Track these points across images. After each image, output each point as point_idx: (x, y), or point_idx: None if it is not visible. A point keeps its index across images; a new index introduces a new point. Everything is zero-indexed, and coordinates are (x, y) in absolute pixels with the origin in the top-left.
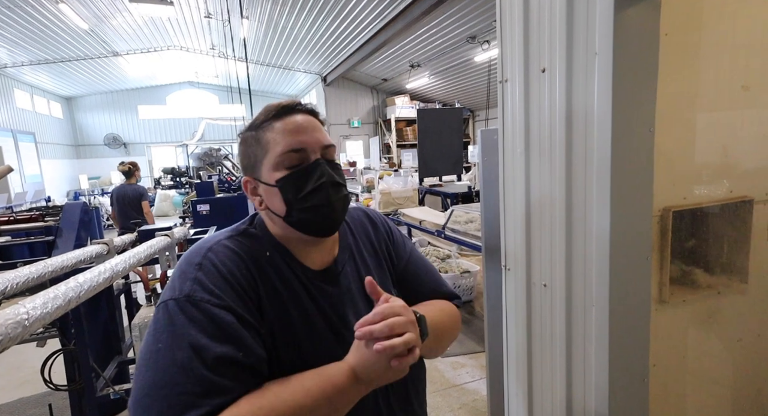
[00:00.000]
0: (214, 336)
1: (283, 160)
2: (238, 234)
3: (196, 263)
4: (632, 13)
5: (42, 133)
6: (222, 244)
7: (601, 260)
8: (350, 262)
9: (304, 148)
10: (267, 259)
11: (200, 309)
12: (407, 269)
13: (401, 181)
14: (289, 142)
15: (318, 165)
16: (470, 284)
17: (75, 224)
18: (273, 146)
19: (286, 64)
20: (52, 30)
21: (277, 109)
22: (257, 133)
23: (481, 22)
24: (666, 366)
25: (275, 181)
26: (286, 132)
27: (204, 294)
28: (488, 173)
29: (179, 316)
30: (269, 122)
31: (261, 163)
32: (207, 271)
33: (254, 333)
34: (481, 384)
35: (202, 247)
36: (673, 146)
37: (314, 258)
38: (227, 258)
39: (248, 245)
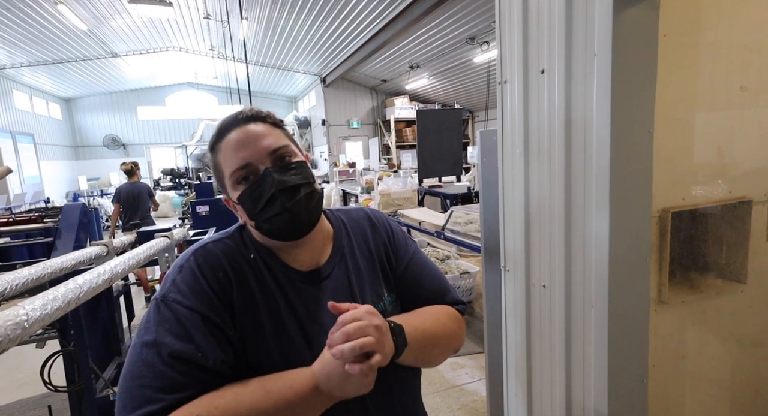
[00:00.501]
0: (177, 335)
1: (236, 178)
2: (228, 236)
3: (179, 265)
4: (631, 14)
5: (41, 134)
6: (207, 247)
7: (601, 261)
8: (341, 265)
9: (247, 163)
10: (249, 261)
11: (170, 309)
12: (407, 273)
13: (401, 182)
14: (234, 162)
15: (266, 176)
16: (470, 285)
17: (74, 225)
18: (224, 167)
19: (286, 65)
20: (51, 31)
21: (219, 129)
22: (214, 157)
23: (481, 23)
24: (665, 367)
25: (236, 199)
26: (229, 151)
27: (176, 295)
28: (488, 174)
29: (155, 315)
30: (218, 143)
31: (224, 183)
32: (185, 274)
33: (220, 336)
34: (480, 385)
35: (190, 250)
36: (672, 147)
37: (302, 259)
38: (207, 261)
39: (233, 247)
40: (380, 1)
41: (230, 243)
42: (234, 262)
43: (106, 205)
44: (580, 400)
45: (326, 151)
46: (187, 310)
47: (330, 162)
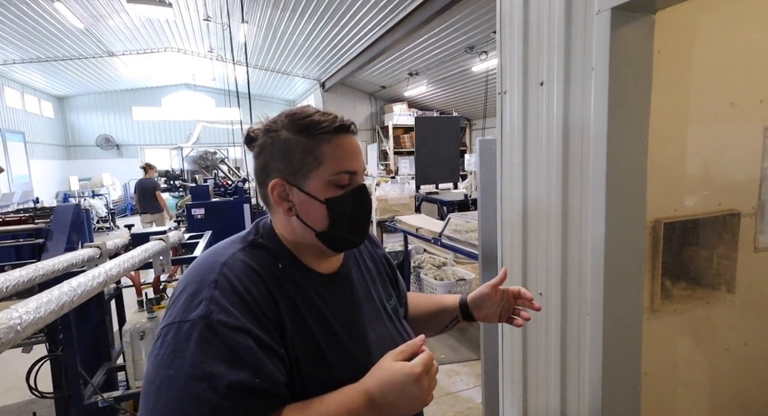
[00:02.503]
0: (229, 362)
1: (337, 179)
2: (249, 245)
3: (212, 280)
4: (628, 31)
5: (32, 132)
6: (237, 258)
7: (596, 270)
8: (355, 268)
9: (357, 171)
10: (281, 271)
11: (216, 332)
12: (398, 275)
13: (398, 188)
14: (347, 164)
15: (365, 189)
16: (466, 292)
17: (66, 227)
18: (330, 162)
19: (285, 68)
20: (46, 28)
21: (338, 126)
22: (309, 141)
23: (480, 33)
24: (657, 375)
25: (324, 199)
26: (346, 151)
27: (220, 316)
28: (486, 182)
29: (193, 341)
30: (326, 135)
31: (309, 173)
32: (223, 289)
33: (273, 356)
34: (475, 392)
35: (216, 261)
36: (665, 159)
37: (323, 264)
38: (243, 274)
39: (261, 257)
40: (381, 9)
41: (254, 251)
42: (269, 272)
43: (97, 206)
44: (575, 407)
45: None
46: (237, 332)
47: None
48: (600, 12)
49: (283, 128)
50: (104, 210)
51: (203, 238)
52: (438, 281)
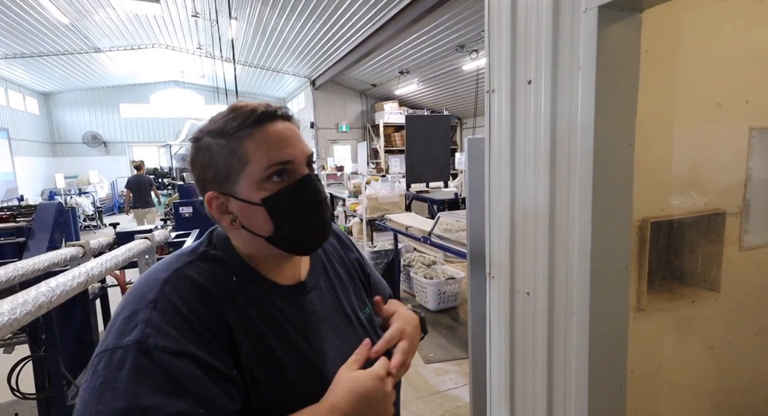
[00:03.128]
0: (168, 391)
1: (269, 175)
2: (199, 258)
3: (150, 300)
4: (615, 30)
5: (16, 129)
6: (182, 274)
7: (583, 269)
8: (324, 276)
9: (292, 160)
10: (234, 285)
11: (152, 358)
12: (374, 279)
13: (388, 187)
14: (276, 155)
15: (310, 180)
16: (455, 290)
17: (49, 225)
18: (255, 159)
19: (275, 66)
20: (30, 23)
21: (257, 116)
22: (230, 142)
23: (470, 32)
24: (643, 373)
25: (260, 200)
26: (270, 143)
27: (158, 340)
28: (475, 182)
29: (126, 370)
30: (246, 130)
31: (238, 177)
32: (163, 310)
33: (222, 381)
34: (464, 391)
35: (157, 279)
36: (652, 159)
37: (285, 274)
38: (188, 291)
39: (211, 271)
40: (371, 7)
41: (204, 265)
42: (219, 287)
43: (84, 204)
44: (561, 406)
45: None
46: (178, 357)
47: (318, 165)
48: (587, 10)
49: (204, 134)
50: (91, 208)
51: (190, 237)
52: (428, 280)
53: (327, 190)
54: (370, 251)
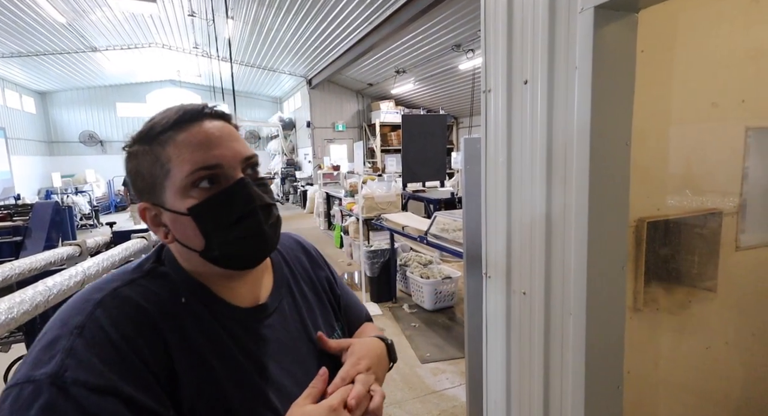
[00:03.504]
0: None
1: (195, 181)
2: (143, 275)
3: (76, 325)
4: (611, 30)
5: (13, 128)
6: (119, 295)
7: (579, 269)
8: (288, 297)
9: (219, 163)
10: (182, 307)
11: (68, 395)
12: (347, 302)
13: (385, 186)
14: (201, 158)
15: (243, 185)
16: (451, 290)
17: (46, 224)
18: (178, 164)
19: (271, 65)
20: (27, 22)
21: (179, 116)
22: (153, 148)
23: (466, 31)
24: (639, 374)
25: (186, 209)
26: (194, 145)
27: (78, 373)
28: (471, 181)
29: (34, 410)
30: (169, 133)
31: (163, 186)
32: (90, 337)
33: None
34: (460, 391)
35: (89, 300)
36: (648, 159)
37: (242, 294)
38: (124, 315)
39: (156, 291)
40: (368, 6)
41: (149, 283)
42: (163, 310)
43: (80, 203)
44: (558, 406)
45: (311, 153)
46: (100, 394)
47: (314, 164)
48: (583, 10)
49: (134, 141)
50: (88, 207)
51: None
52: (424, 279)
53: (323, 189)
54: (366, 250)
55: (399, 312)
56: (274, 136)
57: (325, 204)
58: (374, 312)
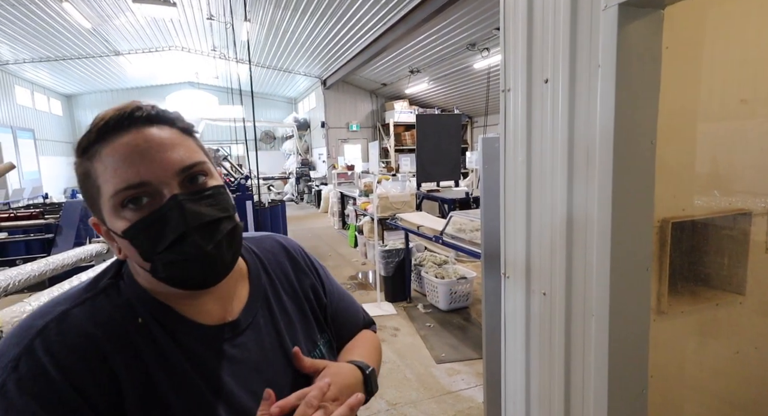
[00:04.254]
0: None
1: (121, 201)
2: (98, 293)
3: (12, 358)
4: (636, 27)
5: (41, 129)
6: (65, 320)
7: (602, 270)
8: (263, 310)
9: (143, 181)
10: (138, 328)
11: None
12: (338, 306)
13: (399, 186)
14: (122, 177)
15: (174, 205)
16: (467, 290)
17: (75, 222)
18: (104, 183)
19: (287, 66)
20: (55, 28)
21: (102, 126)
22: (84, 162)
23: (481, 30)
24: (664, 378)
25: (121, 232)
26: (117, 162)
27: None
28: (489, 181)
29: None
30: (95, 147)
31: (98, 204)
32: (24, 372)
33: None
34: (476, 392)
35: (31, 327)
36: (674, 158)
37: (208, 310)
38: (65, 344)
39: (109, 311)
40: (382, 6)
41: (103, 303)
42: (113, 332)
43: None
44: (579, 410)
45: (325, 152)
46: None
47: (328, 164)
48: (607, 8)
49: (75, 153)
50: None
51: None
52: (439, 279)
53: (337, 189)
54: (381, 250)
55: (414, 312)
56: (289, 136)
57: (339, 203)
58: (388, 311)
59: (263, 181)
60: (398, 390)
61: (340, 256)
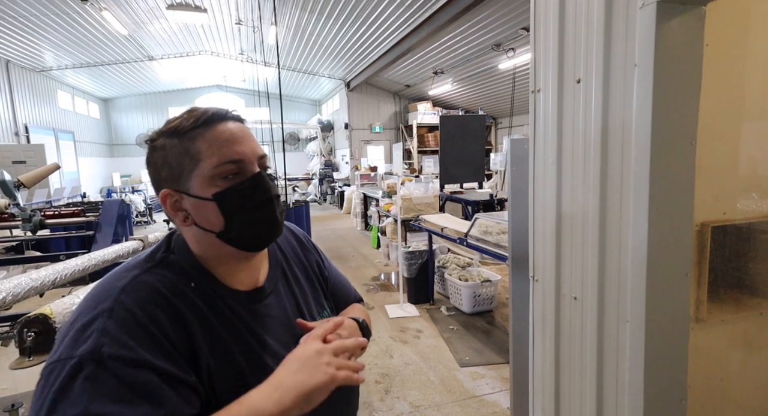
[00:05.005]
0: (123, 400)
1: (220, 172)
2: (156, 264)
3: (106, 309)
4: (675, 25)
5: (80, 132)
6: (139, 281)
7: (637, 274)
8: (282, 280)
9: (242, 159)
10: (193, 291)
11: (107, 368)
12: (335, 281)
13: (422, 187)
14: (227, 153)
15: (261, 177)
16: (491, 293)
17: (113, 220)
18: (206, 157)
19: (311, 69)
20: (95, 35)
21: (207, 117)
22: (182, 142)
23: (507, 30)
24: (702, 389)
25: (212, 195)
26: (221, 141)
27: (113, 349)
28: (517, 182)
29: (79, 380)
30: (198, 130)
31: (191, 175)
32: (119, 319)
33: (181, 386)
34: (501, 397)
35: (113, 287)
36: (715, 159)
37: (242, 278)
38: (146, 299)
39: (170, 277)
40: (406, 8)
41: (163, 271)
42: (178, 292)
43: (136, 201)
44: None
45: (348, 154)
46: (134, 367)
47: (351, 165)
48: (644, 5)
49: (159, 135)
50: (142, 205)
51: None
52: (463, 282)
53: (360, 190)
54: (404, 251)
55: (436, 315)
56: (313, 137)
57: (362, 204)
58: (411, 313)
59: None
60: (421, 392)
61: (362, 257)
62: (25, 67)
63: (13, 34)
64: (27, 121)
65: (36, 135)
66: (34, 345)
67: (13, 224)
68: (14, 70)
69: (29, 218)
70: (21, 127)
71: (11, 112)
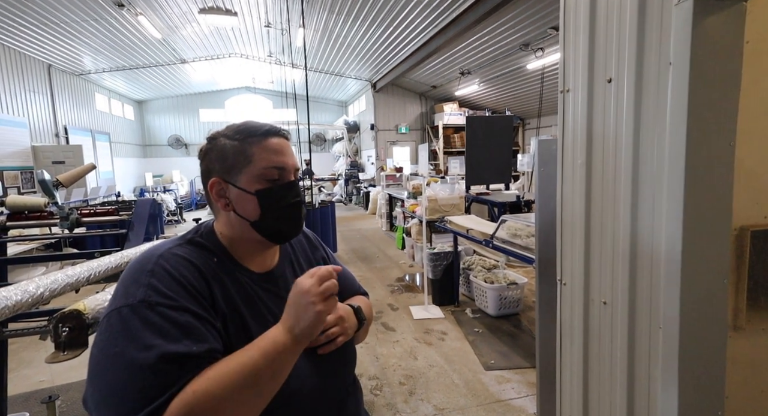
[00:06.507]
0: (170, 335)
1: (266, 173)
2: (186, 242)
3: (148, 270)
4: (714, 22)
5: (116, 133)
6: (171, 252)
7: (671, 280)
8: (289, 268)
9: (285, 167)
10: (216, 265)
11: (156, 312)
12: (339, 277)
13: (448, 188)
14: (274, 160)
15: (295, 185)
16: (517, 296)
17: (145, 219)
18: (258, 159)
19: (338, 70)
20: (130, 39)
21: (264, 130)
22: (241, 144)
23: (535, 30)
24: (741, 400)
25: (255, 190)
26: (271, 150)
27: (159, 298)
28: (545, 184)
29: (134, 321)
30: (255, 138)
31: (241, 171)
32: (160, 277)
33: (211, 327)
34: (527, 402)
35: (152, 254)
36: (756, 161)
37: (257, 262)
38: (179, 264)
39: (198, 253)
40: (433, 9)
41: (191, 248)
42: (204, 264)
43: (167, 200)
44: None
45: (374, 155)
46: (177, 311)
47: (377, 166)
48: (680, 2)
49: (221, 136)
50: (173, 204)
51: None
52: (488, 284)
53: (386, 191)
54: (429, 253)
55: (461, 317)
56: (339, 138)
57: (387, 205)
58: (436, 315)
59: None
60: (446, 395)
61: (387, 258)
62: (65, 71)
63: (55, 39)
64: (66, 123)
65: (74, 136)
66: (68, 340)
67: (51, 222)
68: (55, 73)
69: (67, 216)
70: (61, 129)
71: (52, 114)
